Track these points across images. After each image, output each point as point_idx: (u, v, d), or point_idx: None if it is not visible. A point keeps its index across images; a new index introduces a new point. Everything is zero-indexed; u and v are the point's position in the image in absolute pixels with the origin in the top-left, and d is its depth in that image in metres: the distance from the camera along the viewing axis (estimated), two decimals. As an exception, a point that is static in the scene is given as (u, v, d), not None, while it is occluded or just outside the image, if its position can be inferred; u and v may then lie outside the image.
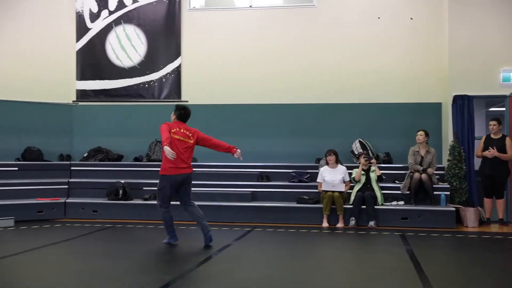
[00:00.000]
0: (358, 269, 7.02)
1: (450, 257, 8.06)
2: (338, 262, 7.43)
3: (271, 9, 12.73)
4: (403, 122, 11.92)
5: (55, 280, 6.27)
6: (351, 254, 8.10)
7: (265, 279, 6.10)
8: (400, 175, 11.21)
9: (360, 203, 10.20)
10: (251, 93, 12.57)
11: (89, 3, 13.18)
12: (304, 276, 6.39)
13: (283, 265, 7.00)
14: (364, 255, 7.93)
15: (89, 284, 6.04)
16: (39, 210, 11.03)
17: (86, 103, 13.21)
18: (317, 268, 6.90)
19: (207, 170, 12.12)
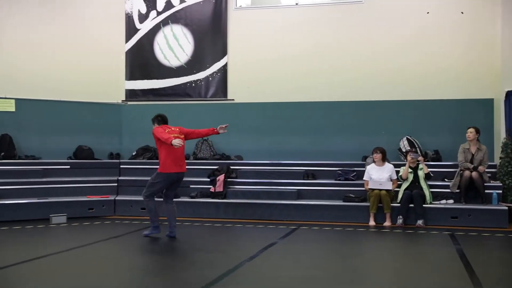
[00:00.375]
0: (406, 268, 6.80)
1: (502, 257, 7.70)
2: (385, 262, 7.23)
3: (317, 6, 12.56)
4: (453, 119, 11.56)
5: (105, 276, 6.38)
6: (398, 253, 7.86)
7: (310, 278, 5.98)
8: (449, 173, 10.81)
9: (408, 202, 9.90)
10: (297, 91, 12.41)
11: (138, 4, 13.28)
12: (350, 276, 6.24)
13: (329, 264, 6.86)
14: (412, 255, 7.72)
15: (137, 280, 6.11)
16: (90, 207, 11.16)
17: (135, 103, 13.34)
18: (364, 268, 6.75)
19: (253, 168, 12.04)
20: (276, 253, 7.54)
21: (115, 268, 6.87)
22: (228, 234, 9.37)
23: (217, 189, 11.27)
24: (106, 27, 13.29)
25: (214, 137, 12.59)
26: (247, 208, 10.85)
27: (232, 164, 12.09)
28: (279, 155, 12.26)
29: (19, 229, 9.54)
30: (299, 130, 12.33)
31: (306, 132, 12.29)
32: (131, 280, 6.11)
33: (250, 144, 12.55)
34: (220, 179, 11.37)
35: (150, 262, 7.07)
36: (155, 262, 7.09)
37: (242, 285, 5.68)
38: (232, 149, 12.62)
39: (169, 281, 5.91)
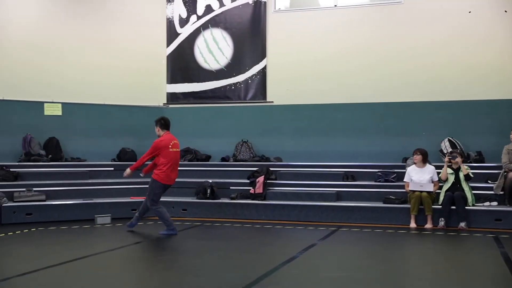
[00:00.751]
0: (448, 272, 6.61)
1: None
2: (427, 265, 7.04)
3: (356, 7, 12.42)
4: (497, 120, 11.25)
5: (147, 275, 6.46)
6: (440, 256, 7.66)
7: (351, 280, 5.90)
8: (493, 174, 10.51)
9: (449, 204, 9.67)
10: (335, 93, 12.30)
11: (179, 9, 13.38)
12: (391, 278, 6.12)
13: (369, 267, 6.72)
14: (455, 258, 7.53)
15: (177, 279, 6.14)
16: (133, 208, 11.11)
17: (176, 106, 13.43)
18: (404, 270, 6.65)
19: (292, 170, 12.00)
20: (316, 255, 7.47)
21: (158, 268, 6.91)
22: (268, 235, 9.34)
23: (257, 191, 11.26)
24: (148, 32, 13.41)
25: (254, 139, 12.78)
26: (286, 209, 10.80)
27: (272, 166, 12.06)
28: (319, 157, 12.16)
29: (66, 229, 9.71)
30: (339, 131, 12.24)
31: (345, 134, 12.19)
32: (175, 280, 6.14)
33: (289, 145, 12.52)
34: (259, 180, 11.35)
35: (192, 262, 7.07)
36: (197, 262, 7.08)
37: (282, 286, 5.64)
38: (272, 151, 12.60)
39: (212, 281, 5.89)
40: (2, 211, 10.35)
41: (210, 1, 13.15)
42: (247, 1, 12.88)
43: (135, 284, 6.04)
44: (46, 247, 8.16)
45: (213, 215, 11.11)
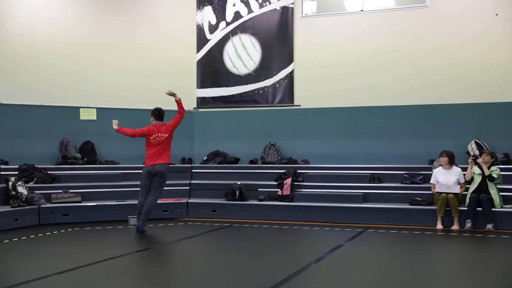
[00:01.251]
0: (475, 274, 6.54)
1: None
2: (454, 266, 6.98)
3: (383, 11, 12.33)
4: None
5: (178, 274, 6.56)
6: (467, 257, 7.57)
7: (377, 281, 5.87)
8: (520, 176, 10.39)
9: (475, 205, 9.52)
10: (362, 96, 12.24)
11: (208, 16, 13.45)
12: (417, 280, 6.06)
13: (396, 268, 6.69)
14: (482, 259, 7.40)
15: (208, 279, 6.17)
16: (164, 210, 11.29)
17: (206, 110, 13.50)
18: (431, 272, 6.53)
19: (319, 172, 11.95)
20: (343, 255, 7.44)
21: (188, 267, 6.98)
22: (296, 236, 9.33)
23: (285, 192, 11.25)
24: (179, 38, 13.49)
25: (281, 142, 12.75)
26: (313, 210, 10.78)
27: (299, 168, 12.03)
28: (345, 159, 12.11)
29: (101, 229, 9.82)
30: (365, 134, 12.15)
31: (372, 136, 12.10)
32: (205, 280, 6.16)
33: (316, 148, 12.48)
34: (287, 182, 11.34)
35: (222, 262, 7.09)
36: (226, 262, 7.11)
37: (309, 286, 5.63)
38: (299, 154, 12.57)
39: (241, 281, 5.93)
40: (40, 212, 10.52)
41: (238, 8, 13.20)
42: (275, 7, 12.89)
43: (166, 283, 6.09)
44: (81, 246, 8.27)
45: (241, 216, 11.11)
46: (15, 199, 10.47)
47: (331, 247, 7.82)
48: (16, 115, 12.17)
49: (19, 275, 6.11)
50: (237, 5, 13.20)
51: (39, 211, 10.54)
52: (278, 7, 12.88)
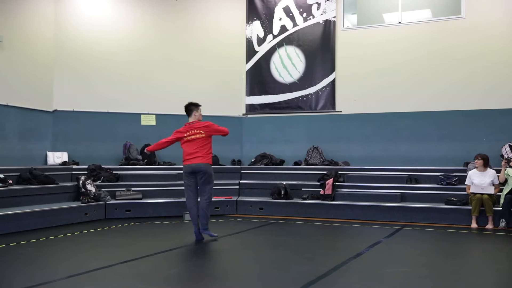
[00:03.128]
0: (509, 271, 6.34)
1: None
2: (488, 263, 6.78)
3: (419, 23, 12.15)
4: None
5: (229, 266, 6.58)
6: (502, 255, 7.30)
7: (414, 275, 5.76)
8: (552, 178, 10.04)
9: (509, 206, 9.23)
10: (399, 102, 12.14)
11: (257, 30, 13.56)
12: (453, 275, 5.92)
13: (432, 263, 6.54)
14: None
15: (257, 271, 6.18)
16: (216, 207, 11.35)
17: (254, 116, 13.59)
18: (466, 268, 6.43)
19: (359, 173, 11.88)
20: (381, 251, 7.34)
21: (238, 259, 7.01)
22: (337, 232, 9.27)
23: (326, 192, 11.22)
24: (230, 50, 13.63)
25: (323, 145, 12.69)
26: (353, 209, 10.71)
27: (340, 169, 12.00)
28: (384, 161, 12.02)
29: (159, 224, 9.98)
30: (403, 137, 12.03)
31: (409, 140, 11.98)
32: (254, 271, 6.18)
33: (357, 151, 12.43)
34: (329, 183, 11.31)
35: (269, 256, 7.10)
36: (273, 255, 7.11)
37: (350, 279, 5.58)
38: (340, 156, 12.53)
39: (287, 273, 5.92)
40: (106, 208, 10.80)
41: (284, 22, 13.25)
42: (318, 20, 12.89)
43: (219, 273, 6.15)
44: (142, 238, 8.42)
45: (286, 213, 11.15)
46: (85, 196, 10.77)
47: (370, 243, 7.77)
48: (86, 121, 12.57)
49: (88, 263, 6.25)
50: (283, 19, 13.27)
51: (105, 207, 10.82)
52: (321, 20, 12.87)
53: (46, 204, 10.15)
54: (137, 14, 13.13)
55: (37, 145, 12.07)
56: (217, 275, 6.08)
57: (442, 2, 12.10)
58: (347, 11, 12.88)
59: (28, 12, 11.94)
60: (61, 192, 10.85)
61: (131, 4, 13.06)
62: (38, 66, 12.16)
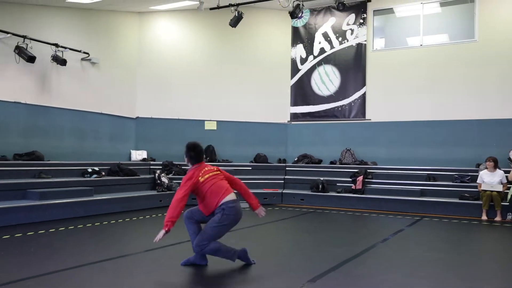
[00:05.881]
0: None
1: None
2: (496, 250, 6.75)
3: (438, 46, 12.00)
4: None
5: (275, 247, 6.58)
6: (508, 243, 7.23)
7: (432, 258, 5.77)
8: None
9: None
10: (420, 112, 12.01)
11: (300, 52, 13.59)
12: (467, 259, 5.94)
13: (448, 249, 6.52)
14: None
15: (299, 252, 6.21)
16: (265, 197, 11.45)
17: (297, 122, 13.61)
18: (478, 253, 6.39)
19: (385, 172, 11.83)
20: (404, 237, 7.36)
21: (284, 241, 7.09)
22: (366, 221, 9.29)
23: (357, 187, 11.26)
24: (277, 68, 13.66)
25: (355, 148, 12.65)
26: (380, 202, 10.72)
27: (369, 168, 12.00)
28: (406, 162, 11.93)
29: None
30: (423, 142, 11.91)
31: (428, 144, 11.84)
32: (297, 252, 6.17)
33: (383, 153, 12.37)
34: (359, 179, 11.36)
35: (309, 239, 7.13)
36: (313, 239, 7.13)
37: (378, 260, 5.62)
38: (369, 157, 12.51)
39: (325, 253, 5.97)
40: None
41: (323, 45, 13.28)
42: (352, 44, 12.89)
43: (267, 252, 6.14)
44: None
45: (323, 204, 11.22)
46: (160, 186, 11.14)
47: (394, 231, 7.80)
48: (162, 126, 12.94)
49: (162, 240, 6.27)
50: (322, 43, 13.30)
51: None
52: (354, 43, 12.87)
53: (130, 192, 10.57)
54: (203, 40, 13.40)
55: (123, 144, 12.53)
56: (267, 254, 5.98)
57: (458, 28, 11.90)
58: (376, 35, 12.81)
59: (117, 41, 12.47)
60: (141, 182, 11.23)
61: (198, 31, 13.36)
62: (124, 82, 12.64)
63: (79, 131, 11.35)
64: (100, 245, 6.39)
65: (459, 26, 11.87)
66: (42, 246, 6.17)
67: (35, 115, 10.34)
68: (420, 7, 12.19)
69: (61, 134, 10.93)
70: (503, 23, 11.25)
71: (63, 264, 5.13)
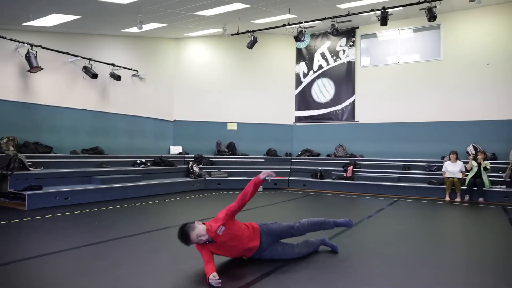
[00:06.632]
0: (470, 227, 6.36)
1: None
2: (456, 223, 6.81)
3: (411, 63, 11.98)
4: (504, 132, 10.41)
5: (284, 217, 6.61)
6: (466, 218, 7.29)
7: (407, 231, 5.81)
8: (503, 168, 9.79)
9: (472, 186, 9.18)
10: (398, 115, 11.98)
11: (303, 68, 13.59)
12: (432, 231, 6.01)
13: (419, 223, 6.57)
14: (475, 220, 7.14)
15: None
16: (275, 182, 11.50)
17: (300, 124, 13.60)
18: (442, 226, 6.44)
19: (370, 163, 11.83)
20: (385, 215, 7.37)
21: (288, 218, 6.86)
22: (355, 202, 9.23)
23: (348, 175, 11.30)
24: (284, 80, 13.65)
25: (346, 144, 12.59)
26: (366, 186, 10.76)
27: (357, 160, 12.00)
28: (387, 155, 11.95)
29: (235, 194, 9.89)
30: (400, 139, 11.88)
31: (404, 141, 11.82)
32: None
33: (369, 147, 12.35)
34: (349, 169, 11.40)
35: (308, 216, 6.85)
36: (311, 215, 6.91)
37: (365, 232, 5.66)
38: (357, 151, 12.51)
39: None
40: (205, 182, 11.13)
41: (321, 62, 13.27)
42: (343, 61, 12.89)
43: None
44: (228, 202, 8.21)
45: (321, 188, 11.25)
46: (192, 174, 11.19)
47: (377, 209, 7.81)
48: (194, 127, 12.97)
49: (195, 216, 6.27)
50: (320, 60, 13.30)
51: (205, 181, 11.16)
52: (346, 61, 12.87)
53: (169, 178, 10.64)
54: (226, 59, 13.41)
55: (164, 141, 12.61)
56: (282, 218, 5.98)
57: (427, 49, 11.83)
58: (363, 55, 12.77)
59: (159, 60, 12.57)
60: (178, 171, 11.28)
61: (222, 52, 13.38)
62: (165, 93, 12.69)
63: (130, 131, 11.51)
64: (146, 219, 6.37)
65: (428, 47, 11.82)
66: (103, 219, 6.29)
67: (97, 119, 10.58)
68: (397, 32, 12.18)
69: (117, 134, 11.11)
70: (463, 45, 11.20)
71: (118, 233, 5.25)
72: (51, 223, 5.94)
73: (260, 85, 13.50)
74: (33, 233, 5.29)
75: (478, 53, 10.98)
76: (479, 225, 6.60)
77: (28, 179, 7.72)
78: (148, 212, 7.06)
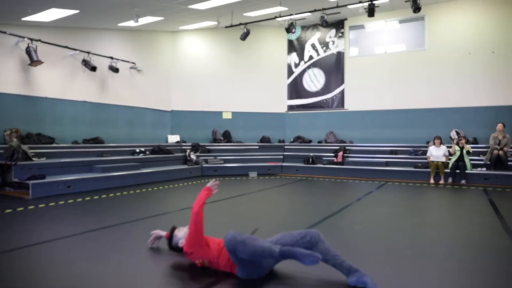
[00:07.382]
0: (453, 207, 6.43)
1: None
2: (440, 204, 6.85)
3: (397, 53, 11.93)
4: (484, 118, 10.46)
5: (277, 205, 6.62)
6: (448, 199, 7.36)
7: (394, 212, 5.88)
8: (483, 152, 9.87)
9: (455, 169, 9.26)
10: (385, 103, 11.97)
11: (294, 58, 13.51)
12: (418, 211, 6.07)
13: (405, 205, 6.63)
14: (458, 200, 7.20)
15: (294, 209, 6.22)
16: (268, 168, 11.54)
17: (292, 112, 13.58)
18: (427, 207, 6.49)
19: (359, 148, 11.85)
20: (373, 197, 7.40)
21: (280, 202, 7.08)
22: (344, 185, 9.30)
23: (338, 160, 11.33)
24: (277, 71, 13.57)
25: (337, 130, 12.57)
26: (355, 171, 10.78)
27: (347, 146, 12.03)
28: (375, 140, 11.98)
29: (233, 179, 10.09)
30: (388, 125, 11.89)
31: (392, 127, 11.83)
32: (292, 210, 6.17)
33: (358, 134, 12.37)
34: (340, 154, 11.42)
35: (302, 199, 7.15)
36: (304, 199, 7.14)
37: (354, 214, 5.70)
38: (347, 137, 12.53)
39: (315, 210, 5.90)
40: (202, 169, 11.09)
41: (311, 53, 13.19)
42: (333, 52, 12.82)
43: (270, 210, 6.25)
44: (222, 188, 8.05)
45: (312, 173, 11.28)
46: (189, 161, 11.14)
47: (366, 192, 7.85)
48: (190, 116, 12.88)
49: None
50: (310, 51, 13.22)
51: (202, 168, 11.11)
52: (335, 52, 12.80)
53: (167, 166, 10.59)
54: (220, 51, 13.29)
55: (162, 131, 12.55)
56: (271, 210, 6.04)
57: (412, 39, 11.76)
58: (352, 45, 12.70)
59: (156, 53, 12.44)
60: (176, 159, 11.23)
61: (216, 44, 13.25)
62: (162, 83, 12.61)
63: (129, 121, 11.43)
64: (146, 205, 6.36)
65: (413, 38, 11.76)
66: (104, 207, 6.27)
67: (97, 110, 10.48)
68: (384, 23, 12.09)
69: (116, 124, 11.04)
70: (445, 35, 11.15)
71: (118, 219, 5.22)
72: (54, 210, 5.92)
73: (254, 76, 13.41)
74: (37, 220, 5.25)
75: (459, 43, 10.95)
76: (462, 205, 6.65)
77: (32, 169, 7.65)
78: (147, 199, 7.04)
